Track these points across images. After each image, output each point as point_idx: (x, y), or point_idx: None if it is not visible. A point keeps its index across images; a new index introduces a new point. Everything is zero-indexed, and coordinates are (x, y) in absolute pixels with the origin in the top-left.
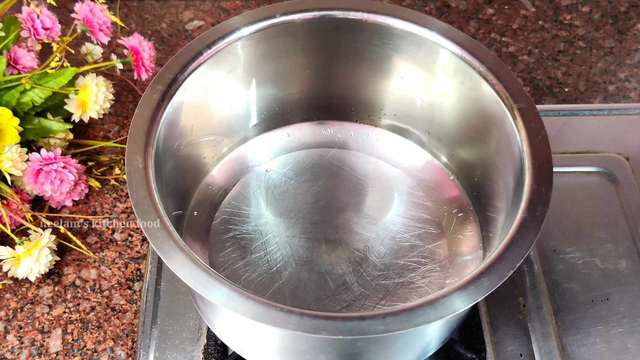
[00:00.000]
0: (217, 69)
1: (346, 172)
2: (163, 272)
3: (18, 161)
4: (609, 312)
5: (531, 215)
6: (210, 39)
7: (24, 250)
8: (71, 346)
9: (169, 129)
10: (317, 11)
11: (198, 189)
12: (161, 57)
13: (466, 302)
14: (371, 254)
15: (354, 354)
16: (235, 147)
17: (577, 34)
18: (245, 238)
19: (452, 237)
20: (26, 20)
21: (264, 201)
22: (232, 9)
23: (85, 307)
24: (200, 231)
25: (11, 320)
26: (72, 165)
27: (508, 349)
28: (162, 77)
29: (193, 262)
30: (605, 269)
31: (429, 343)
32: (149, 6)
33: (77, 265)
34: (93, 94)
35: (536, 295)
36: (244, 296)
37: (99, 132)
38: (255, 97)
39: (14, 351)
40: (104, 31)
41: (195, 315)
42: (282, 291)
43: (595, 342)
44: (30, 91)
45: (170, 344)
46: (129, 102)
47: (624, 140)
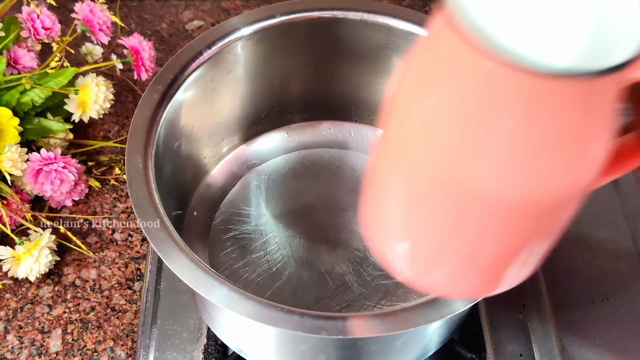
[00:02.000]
0: (217, 69)
1: (346, 172)
2: (163, 272)
3: (18, 161)
4: (609, 312)
5: None
6: (210, 39)
7: (24, 250)
8: (71, 346)
9: (169, 129)
10: (317, 11)
11: (198, 189)
12: (161, 57)
13: (466, 302)
14: (371, 254)
15: (354, 354)
16: (235, 147)
17: None
18: (245, 238)
19: None
20: (26, 20)
21: (264, 201)
22: (232, 9)
23: (85, 307)
24: (200, 231)
25: (11, 320)
26: (72, 165)
27: (508, 349)
28: (162, 77)
29: (193, 263)
30: (605, 269)
31: (429, 343)
32: (148, 6)
33: (77, 265)
34: (93, 94)
35: (536, 295)
36: (244, 296)
37: (99, 132)
38: (255, 97)
39: (13, 351)
40: (104, 31)
41: (195, 315)
42: (282, 291)
43: (595, 342)
44: (30, 91)
45: (170, 344)
46: (129, 102)
47: None
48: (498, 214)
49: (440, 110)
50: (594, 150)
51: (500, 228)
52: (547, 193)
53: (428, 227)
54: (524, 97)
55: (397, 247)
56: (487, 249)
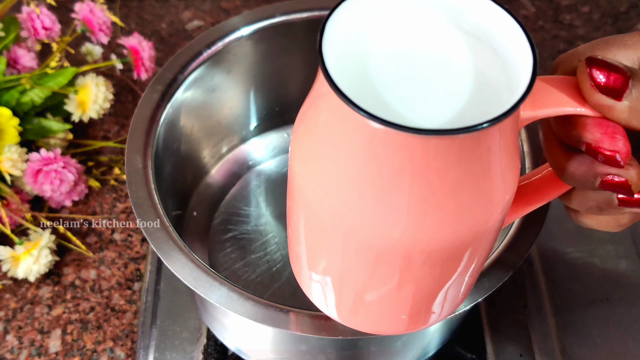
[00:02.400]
0: (217, 69)
1: None
2: (163, 273)
3: (18, 161)
4: (609, 312)
5: (531, 215)
6: (210, 39)
7: (23, 251)
8: (71, 346)
9: (168, 129)
10: (317, 11)
11: (198, 189)
12: (161, 57)
13: (466, 302)
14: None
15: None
16: (235, 147)
17: (577, 34)
18: (245, 238)
19: None
20: (26, 20)
21: (264, 201)
22: (232, 9)
23: (84, 308)
24: (200, 231)
25: (11, 320)
26: (72, 165)
27: (508, 349)
28: (162, 77)
29: (193, 263)
30: (605, 269)
31: (429, 343)
32: (148, 6)
33: (77, 265)
34: (93, 94)
35: (536, 295)
36: (243, 296)
37: (99, 132)
38: (255, 97)
39: (13, 351)
40: (104, 31)
41: (195, 316)
42: (282, 291)
43: (595, 342)
44: (30, 91)
45: (170, 344)
46: (129, 102)
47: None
48: (404, 258)
49: (329, 165)
50: (493, 193)
51: (410, 270)
52: (445, 239)
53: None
54: (405, 155)
55: (312, 286)
56: (399, 292)
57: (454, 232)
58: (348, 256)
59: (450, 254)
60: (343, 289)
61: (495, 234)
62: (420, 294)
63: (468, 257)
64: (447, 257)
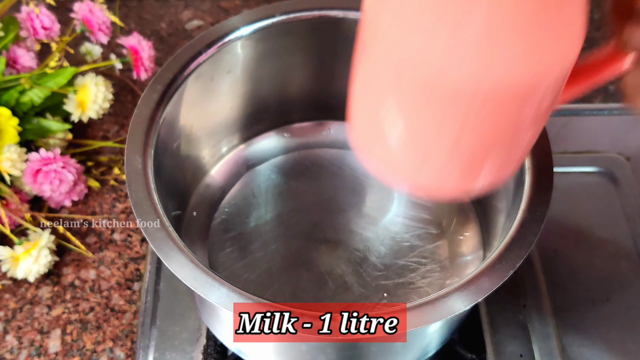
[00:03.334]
0: (217, 68)
1: (346, 172)
2: (162, 273)
3: (17, 161)
4: (609, 312)
5: (531, 215)
6: (210, 39)
7: (23, 251)
8: (70, 347)
9: (168, 128)
10: (317, 11)
11: (197, 189)
12: (160, 57)
13: (466, 302)
14: (371, 254)
15: (354, 355)
16: (235, 147)
17: None
18: (245, 238)
19: (452, 238)
20: (25, 20)
21: (263, 201)
22: (232, 9)
23: (84, 308)
24: (199, 231)
25: (10, 320)
26: (72, 165)
27: (508, 349)
28: (162, 77)
29: (192, 263)
30: (605, 269)
31: (429, 344)
32: (148, 6)
33: (76, 265)
34: (92, 93)
35: (536, 295)
36: (243, 297)
37: (98, 132)
38: (255, 97)
39: (13, 351)
40: (103, 31)
41: (194, 316)
42: (281, 292)
43: (595, 342)
44: (30, 91)
45: (169, 344)
46: (128, 102)
47: (624, 140)
48: (475, 100)
49: (406, 4)
50: (567, 31)
51: (480, 115)
52: (523, 75)
53: (412, 121)
54: None
55: (385, 147)
56: (470, 138)
57: (528, 68)
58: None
59: (519, 97)
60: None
61: (559, 89)
62: (490, 139)
63: (534, 106)
64: (516, 101)
